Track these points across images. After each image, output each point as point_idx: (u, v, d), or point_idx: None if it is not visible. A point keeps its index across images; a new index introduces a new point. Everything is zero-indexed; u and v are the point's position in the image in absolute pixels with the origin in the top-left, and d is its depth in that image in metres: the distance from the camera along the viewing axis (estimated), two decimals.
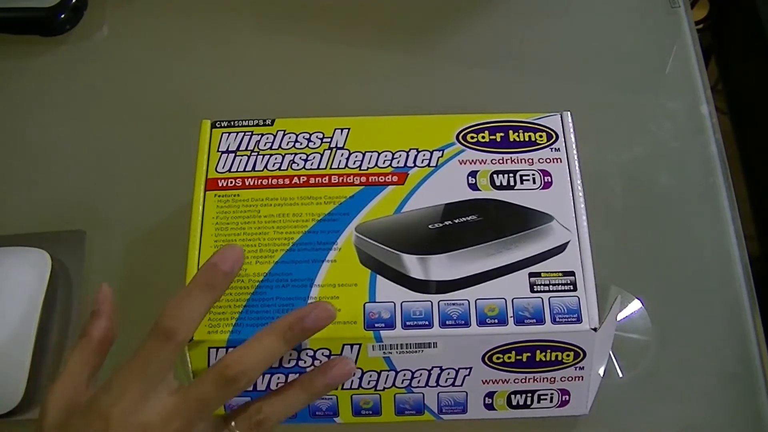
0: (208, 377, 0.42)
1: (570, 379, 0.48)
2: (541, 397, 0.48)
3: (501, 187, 0.51)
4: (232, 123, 0.53)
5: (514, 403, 0.49)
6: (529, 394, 0.48)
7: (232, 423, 0.44)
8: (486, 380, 0.48)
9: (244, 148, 0.52)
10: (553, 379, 0.48)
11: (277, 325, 0.44)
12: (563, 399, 0.49)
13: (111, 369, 0.43)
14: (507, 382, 0.48)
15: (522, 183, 0.51)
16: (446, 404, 0.49)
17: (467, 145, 0.52)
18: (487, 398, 0.49)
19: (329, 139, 0.53)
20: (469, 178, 0.51)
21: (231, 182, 0.51)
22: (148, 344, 0.42)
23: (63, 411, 0.41)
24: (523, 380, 0.48)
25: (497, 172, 0.51)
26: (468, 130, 0.53)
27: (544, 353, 0.47)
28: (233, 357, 0.42)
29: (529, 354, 0.47)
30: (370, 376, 0.48)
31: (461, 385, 0.48)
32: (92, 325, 0.44)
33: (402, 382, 0.48)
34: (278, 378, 0.47)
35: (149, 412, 0.41)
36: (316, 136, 0.53)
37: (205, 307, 0.43)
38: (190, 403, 0.41)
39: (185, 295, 0.43)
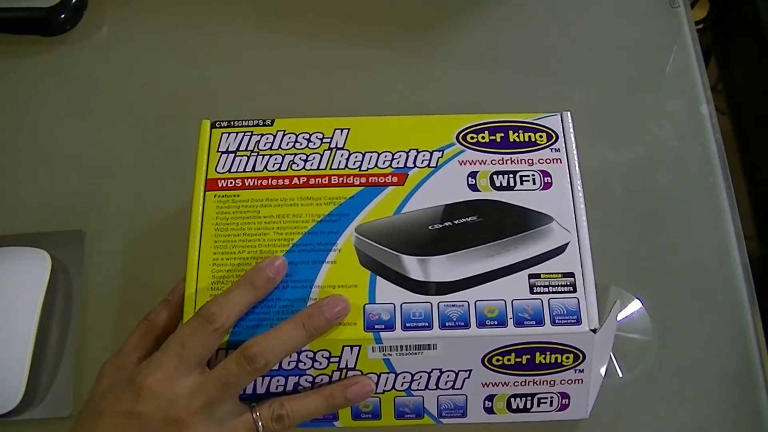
0: (231, 358, 0.45)
1: (570, 382, 0.48)
2: (541, 400, 0.48)
3: (501, 188, 0.51)
4: (232, 123, 0.53)
5: (514, 406, 0.49)
6: (529, 398, 0.48)
7: (257, 411, 0.46)
8: (486, 383, 0.48)
9: (244, 149, 0.52)
10: (552, 382, 0.48)
11: (298, 314, 0.46)
12: (563, 403, 0.49)
13: None
14: (507, 385, 0.48)
15: (522, 183, 0.51)
16: (446, 408, 0.49)
17: (467, 145, 0.52)
18: (487, 402, 0.48)
19: (329, 140, 0.52)
20: (469, 178, 0.51)
21: (231, 182, 0.51)
22: (190, 326, 0.46)
23: (109, 382, 0.46)
24: (523, 383, 0.48)
25: (497, 173, 0.51)
26: (468, 130, 0.53)
27: (543, 355, 0.47)
28: (255, 339, 0.45)
29: (528, 356, 0.47)
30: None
31: (461, 388, 0.48)
32: (157, 311, 0.49)
33: (402, 385, 0.48)
34: (278, 380, 0.47)
35: (179, 387, 0.44)
36: (316, 137, 0.53)
37: (246, 302, 0.46)
38: (213, 382, 0.44)
39: (230, 290, 0.47)
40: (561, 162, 0.52)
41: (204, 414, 0.44)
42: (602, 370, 0.49)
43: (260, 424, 0.45)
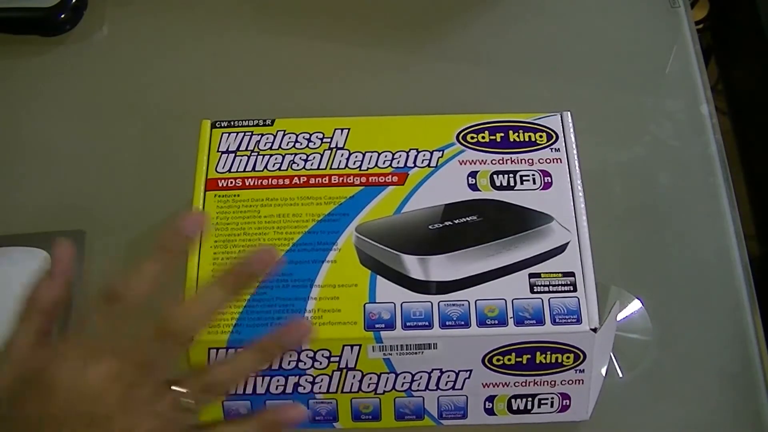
0: (149, 336, 0.40)
1: (570, 382, 0.48)
2: (542, 401, 0.48)
3: (501, 188, 0.51)
4: (232, 123, 0.53)
5: (515, 407, 0.49)
6: (530, 399, 0.48)
7: (182, 388, 0.41)
8: (486, 383, 0.48)
9: (244, 148, 0.52)
10: (553, 383, 0.48)
11: (220, 276, 0.42)
12: (564, 404, 0.49)
13: None
14: (507, 386, 0.48)
15: (522, 183, 0.51)
16: (446, 409, 0.49)
17: (467, 145, 0.52)
18: (487, 403, 0.48)
19: (329, 140, 0.53)
20: (469, 178, 0.51)
21: (231, 182, 0.51)
22: (96, 309, 0.40)
23: (7, 380, 0.39)
24: (524, 383, 0.48)
25: (497, 173, 0.51)
26: (468, 130, 0.53)
27: (544, 355, 0.47)
28: (173, 311, 0.40)
29: (529, 356, 0.47)
30: (370, 379, 0.48)
31: (461, 389, 0.48)
32: (41, 286, 0.42)
33: (402, 385, 0.48)
34: (278, 380, 0.47)
35: (92, 378, 0.38)
36: (316, 137, 0.53)
37: (155, 272, 0.41)
38: (132, 366, 0.39)
39: (136, 263, 0.41)
40: (561, 162, 0.52)
41: (126, 402, 0.39)
42: (603, 371, 0.49)
43: (189, 399, 0.41)
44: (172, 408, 0.40)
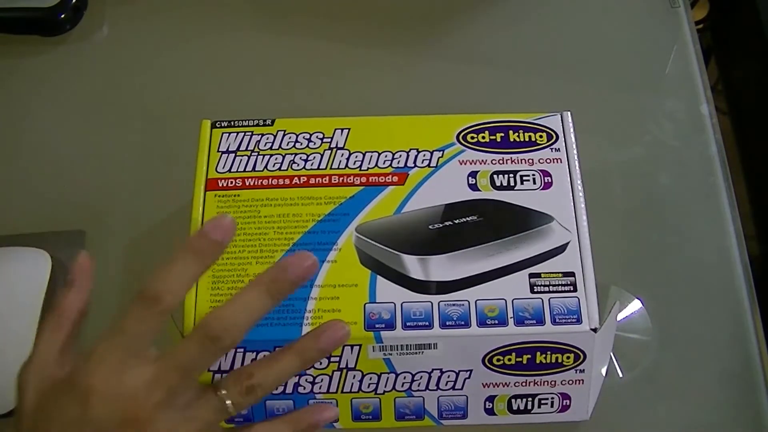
0: (190, 340, 0.39)
1: (570, 382, 0.48)
2: (542, 401, 0.48)
3: (501, 188, 0.51)
4: (232, 123, 0.53)
5: (515, 408, 0.49)
6: (530, 399, 0.48)
7: (222, 391, 0.41)
8: (486, 383, 0.48)
9: (244, 149, 0.52)
10: (553, 383, 0.48)
11: (259, 278, 0.41)
12: (564, 404, 0.49)
13: None
14: (507, 386, 0.48)
15: (522, 183, 0.51)
16: (446, 409, 0.49)
17: (467, 145, 0.52)
18: (487, 403, 0.48)
19: (329, 140, 0.53)
20: (470, 178, 0.51)
21: (231, 182, 0.51)
22: (131, 311, 0.39)
23: (38, 391, 0.39)
24: (524, 383, 0.48)
25: (497, 173, 0.51)
26: (468, 130, 0.53)
27: (544, 355, 0.47)
28: (214, 315, 0.39)
29: (529, 356, 0.47)
30: (371, 379, 0.48)
31: (461, 389, 0.48)
32: (64, 296, 0.42)
33: (402, 385, 0.48)
34: None
35: (131, 381, 0.38)
36: (317, 137, 0.53)
37: (193, 274, 0.40)
38: (173, 371, 0.39)
39: (172, 260, 0.40)
40: (561, 162, 0.52)
41: (166, 406, 0.38)
42: (603, 371, 0.49)
43: (229, 402, 0.40)
44: (211, 412, 0.40)
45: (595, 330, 0.47)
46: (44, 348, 0.41)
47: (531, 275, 0.48)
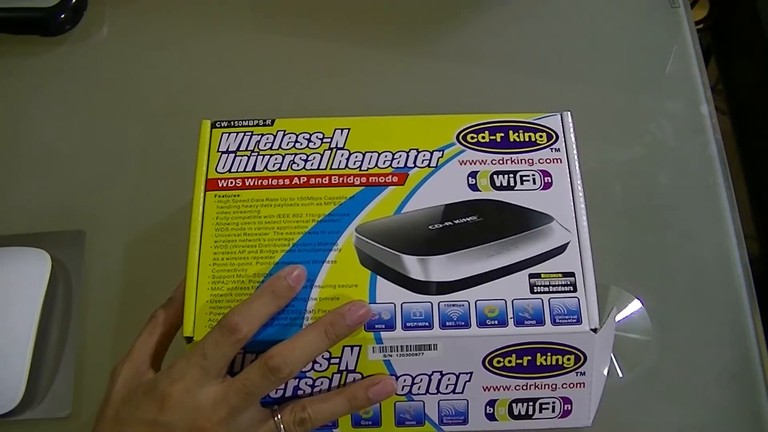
0: (254, 368, 0.45)
1: (571, 386, 0.48)
2: (543, 406, 0.48)
3: (501, 188, 0.51)
4: (232, 123, 0.53)
5: (516, 413, 0.48)
6: (531, 403, 0.48)
7: (278, 415, 0.46)
8: (487, 387, 0.48)
9: (244, 149, 0.52)
10: (554, 386, 0.48)
11: (319, 321, 0.46)
12: (566, 409, 0.48)
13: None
14: (508, 389, 0.48)
15: (522, 183, 0.51)
16: (447, 414, 0.48)
17: (467, 145, 0.52)
18: (488, 407, 0.48)
19: (329, 140, 0.52)
20: (469, 178, 0.51)
21: (231, 182, 0.51)
22: (212, 336, 0.45)
23: (127, 387, 0.46)
24: (524, 387, 0.48)
25: (497, 173, 0.51)
26: (468, 130, 0.53)
27: (544, 357, 0.47)
28: (277, 349, 0.45)
29: (529, 357, 0.47)
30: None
31: (462, 392, 0.48)
32: (163, 310, 0.49)
33: (402, 389, 0.48)
34: None
35: (202, 397, 0.44)
36: (316, 137, 0.53)
37: (268, 311, 0.46)
38: (237, 392, 0.45)
39: (252, 299, 0.46)
40: (561, 162, 0.52)
41: (227, 423, 0.44)
42: (604, 371, 0.49)
43: (282, 427, 0.46)
44: None
45: (595, 330, 0.46)
46: (140, 348, 0.48)
47: (531, 275, 0.48)
